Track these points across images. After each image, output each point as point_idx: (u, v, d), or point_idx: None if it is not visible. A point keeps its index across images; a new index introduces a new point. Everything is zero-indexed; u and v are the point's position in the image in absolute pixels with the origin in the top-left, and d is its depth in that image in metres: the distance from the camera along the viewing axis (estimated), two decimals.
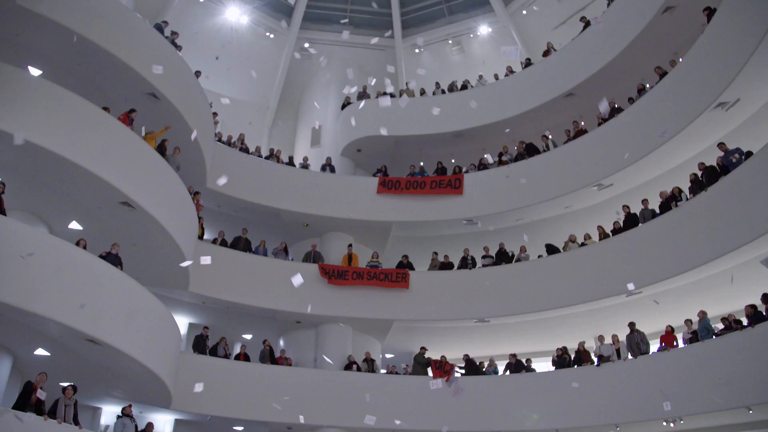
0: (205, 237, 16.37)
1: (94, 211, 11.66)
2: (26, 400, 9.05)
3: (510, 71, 19.64)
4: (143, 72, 12.30)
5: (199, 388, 11.02)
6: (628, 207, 15.10)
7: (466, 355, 16.41)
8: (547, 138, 17.84)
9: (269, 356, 15.74)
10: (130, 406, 11.62)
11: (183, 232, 12.93)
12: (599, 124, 16.29)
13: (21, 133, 8.72)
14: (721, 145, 12.77)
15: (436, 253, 18.02)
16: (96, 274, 10.33)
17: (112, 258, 11.21)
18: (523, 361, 15.82)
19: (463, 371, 15.97)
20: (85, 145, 10.44)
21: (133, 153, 11.70)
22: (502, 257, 17.06)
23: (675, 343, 13.50)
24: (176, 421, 15.34)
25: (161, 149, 13.03)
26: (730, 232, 11.96)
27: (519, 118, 18.47)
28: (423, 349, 16.87)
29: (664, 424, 13.82)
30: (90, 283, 10.14)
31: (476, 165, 18.93)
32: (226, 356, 15.27)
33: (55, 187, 10.99)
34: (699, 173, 13.31)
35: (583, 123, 17.20)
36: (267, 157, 18.67)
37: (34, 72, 10.27)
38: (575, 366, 14.91)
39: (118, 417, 11.25)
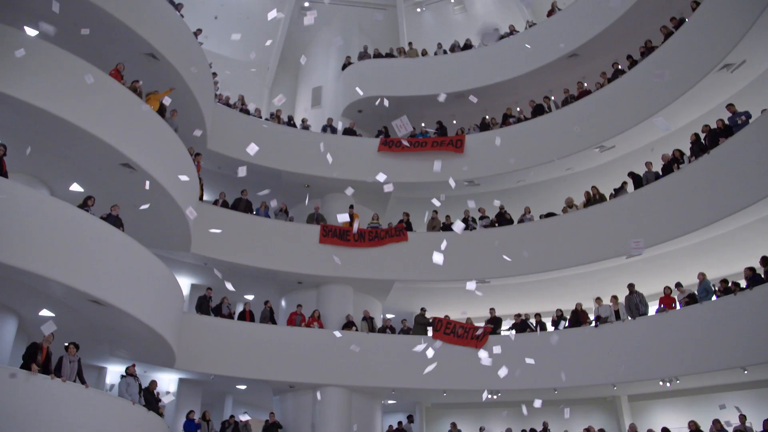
0: (205, 198, 16.37)
1: (95, 173, 11.63)
2: (32, 361, 9.15)
3: (513, 30, 19.38)
4: (142, 32, 12.14)
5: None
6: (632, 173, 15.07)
7: (492, 310, 16.56)
8: (550, 99, 17.72)
9: (270, 316, 15.91)
10: (134, 365, 11.76)
11: (184, 193, 12.94)
12: (602, 86, 16.16)
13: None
14: (729, 107, 12.67)
15: (435, 212, 18.02)
16: (98, 236, 10.36)
17: (113, 219, 11.21)
18: (531, 319, 16.05)
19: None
20: (84, 106, 10.35)
21: (133, 114, 11.62)
22: (502, 219, 17.08)
23: (674, 305, 13.61)
24: (180, 380, 15.58)
25: (161, 111, 12.94)
26: (732, 195, 11.97)
27: (522, 79, 18.31)
28: (423, 309, 17.03)
29: (661, 383, 14.05)
30: (92, 244, 10.17)
31: (478, 125, 18.83)
32: (230, 316, 15.41)
33: (56, 149, 10.95)
34: (701, 135, 13.24)
35: (586, 84, 17.04)
36: (267, 119, 18.56)
37: (31, 32, 10.10)
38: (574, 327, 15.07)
39: (123, 376, 11.40)
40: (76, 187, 11.78)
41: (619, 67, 16.03)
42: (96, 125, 10.38)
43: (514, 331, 15.62)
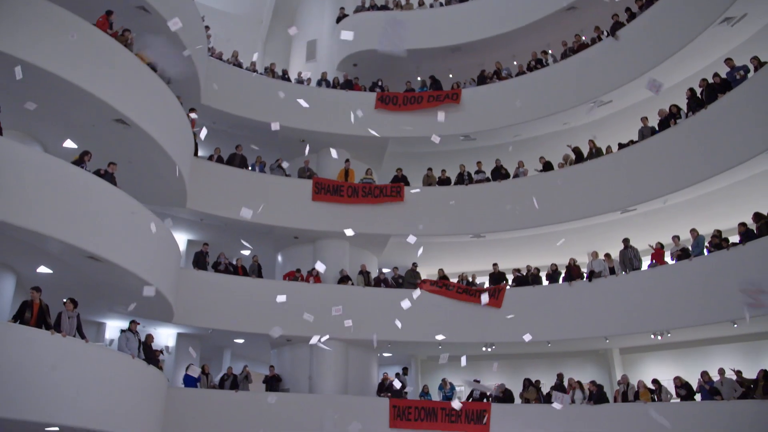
0: (200, 154, 16.26)
1: (89, 129, 11.52)
2: (22, 318, 9.21)
3: None
4: None
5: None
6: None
7: (495, 265, 16.66)
8: (547, 53, 17.52)
9: (257, 271, 16.03)
10: (134, 322, 11.84)
11: (179, 148, 12.86)
12: (599, 39, 15.96)
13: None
14: (728, 61, 12.55)
15: (430, 169, 17.99)
16: (94, 192, 10.32)
17: (108, 177, 11.15)
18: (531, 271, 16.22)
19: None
20: (75, 61, 10.18)
21: (126, 69, 11.43)
22: (498, 173, 17.06)
23: (663, 259, 13.75)
24: (179, 334, 15.77)
25: (153, 65, 12.75)
26: (728, 150, 11.97)
27: (519, 32, 18.05)
28: (414, 264, 17.13)
29: (652, 336, 14.29)
30: (88, 200, 10.16)
31: (475, 79, 18.65)
32: (227, 271, 15.49)
33: (48, 105, 10.80)
34: (698, 90, 13.16)
35: (584, 38, 16.81)
36: (261, 73, 18.33)
37: None
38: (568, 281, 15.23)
39: (122, 331, 11.52)
40: (69, 144, 11.69)
41: (618, 20, 15.79)
42: (87, 80, 10.22)
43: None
